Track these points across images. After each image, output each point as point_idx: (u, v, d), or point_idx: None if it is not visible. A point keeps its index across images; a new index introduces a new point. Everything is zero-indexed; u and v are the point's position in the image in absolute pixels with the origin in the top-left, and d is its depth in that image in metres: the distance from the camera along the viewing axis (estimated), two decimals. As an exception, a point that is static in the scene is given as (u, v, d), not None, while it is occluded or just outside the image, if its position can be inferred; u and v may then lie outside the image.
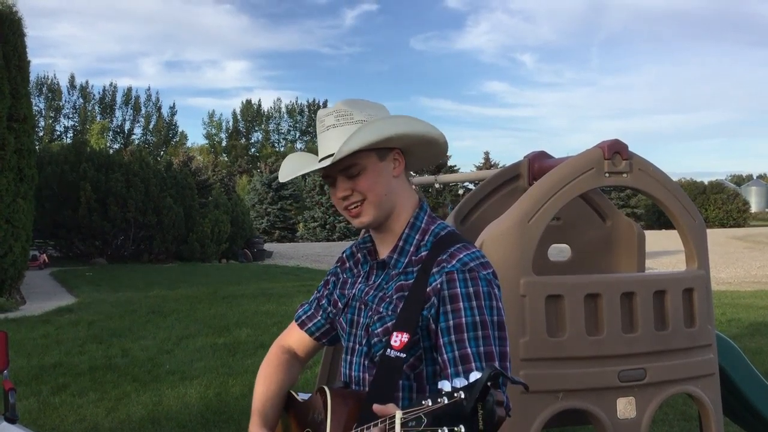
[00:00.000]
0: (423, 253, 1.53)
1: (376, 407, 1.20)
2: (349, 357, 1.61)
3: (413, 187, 1.63)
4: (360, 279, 1.64)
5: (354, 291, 1.63)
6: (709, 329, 2.97)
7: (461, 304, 1.43)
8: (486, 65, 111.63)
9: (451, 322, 1.42)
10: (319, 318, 1.73)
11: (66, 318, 9.69)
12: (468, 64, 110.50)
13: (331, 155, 1.48)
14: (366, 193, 1.52)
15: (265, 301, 11.29)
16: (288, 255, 24.02)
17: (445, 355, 1.42)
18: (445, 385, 1.06)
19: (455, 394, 1.04)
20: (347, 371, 1.61)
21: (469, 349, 1.40)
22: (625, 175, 2.94)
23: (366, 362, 1.55)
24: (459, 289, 1.44)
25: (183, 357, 7.24)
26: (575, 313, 2.75)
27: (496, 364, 1.39)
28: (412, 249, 1.55)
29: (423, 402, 1.06)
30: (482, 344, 1.40)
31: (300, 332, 1.75)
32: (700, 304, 2.93)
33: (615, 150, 2.91)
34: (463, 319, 1.42)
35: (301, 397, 1.65)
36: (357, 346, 1.58)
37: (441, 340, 1.43)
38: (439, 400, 1.04)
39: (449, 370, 1.40)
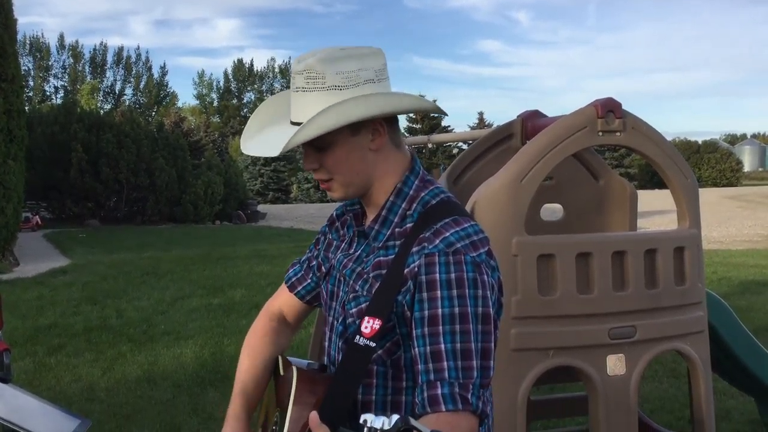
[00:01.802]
0: (408, 225, 1.35)
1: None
2: (328, 333, 1.48)
3: (404, 146, 1.44)
4: (343, 245, 1.49)
5: (335, 259, 1.49)
6: (699, 287, 2.99)
7: (439, 292, 1.26)
8: (480, 23, 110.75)
9: (425, 312, 1.26)
10: (309, 281, 1.59)
11: (60, 279, 9.71)
12: (462, 22, 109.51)
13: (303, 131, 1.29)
14: (333, 173, 1.36)
15: (260, 262, 11.33)
16: (282, 216, 24.03)
17: (417, 349, 1.27)
18: (369, 419, 0.99)
19: None
20: (327, 348, 1.49)
21: (443, 345, 1.24)
22: (618, 133, 2.92)
23: (341, 343, 1.41)
24: (438, 275, 1.26)
25: (178, 318, 7.29)
26: (567, 272, 2.76)
27: (475, 362, 1.25)
28: (396, 219, 1.37)
29: None
30: (459, 340, 1.24)
31: (290, 295, 1.61)
32: (691, 263, 2.94)
33: (608, 108, 2.89)
34: (440, 310, 1.25)
35: (292, 362, 1.58)
36: (334, 322, 1.45)
37: (415, 330, 1.28)
38: None
39: (420, 366, 1.26)
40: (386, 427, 0.97)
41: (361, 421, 0.98)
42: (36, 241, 14.90)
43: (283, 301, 1.64)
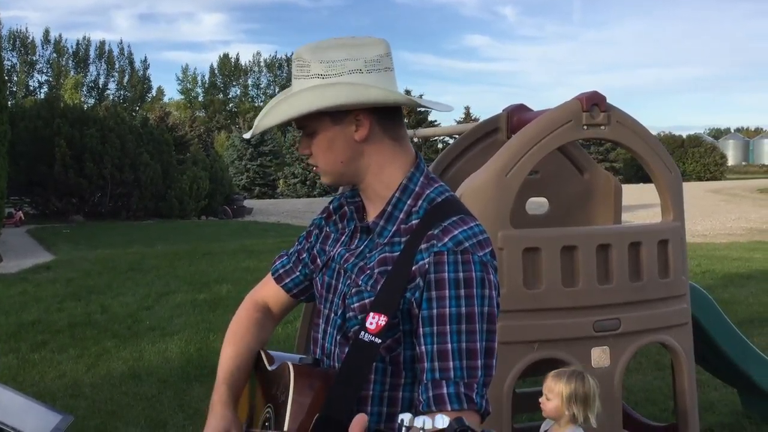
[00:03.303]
0: (414, 222, 1.35)
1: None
2: (323, 325, 1.47)
3: (407, 141, 1.42)
4: (343, 238, 1.47)
5: (335, 252, 1.47)
6: (683, 280, 3.02)
7: (447, 291, 1.27)
8: (467, 18, 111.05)
9: (434, 311, 1.27)
10: (298, 274, 1.57)
11: (44, 275, 9.62)
12: (449, 18, 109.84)
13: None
14: (317, 160, 1.40)
15: (246, 257, 11.28)
16: (268, 211, 23.96)
17: (423, 347, 1.28)
18: (406, 419, 0.93)
19: None
20: (321, 341, 1.47)
21: (449, 345, 1.26)
22: (603, 127, 2.93)
23: (339, 337, 1.40)
24: (447, 274, 1.27)
25: (163, 313, 7.24)
26: (552, 265, 2.77)
27: (479, 362, 1.26)
28: (401, 216, 1.36)
29: None
30: (465, 339, 1.26)
31: (276, 287, 1.59)
32: (674, 256, 2.96)
33: (593, 102, 2.90)
34: (447, 310, 1.26)
35: (276, 356, 1.52)
36: (332, 314, 1.44)
37: (422, 329, 1.28)
38: None
39: (425, 365, 1.27)
40: (440, 426, 0.94)
41: (398, 420, 0.96)
42: (19, 237, 14.76)
43: (268, 292, 1.62)
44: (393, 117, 1.39)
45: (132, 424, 4.22)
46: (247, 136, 1.48)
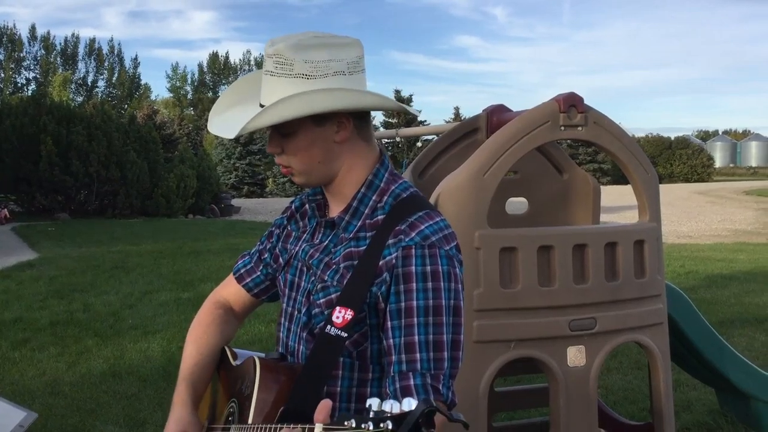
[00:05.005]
0: (379, 217, 1.36)
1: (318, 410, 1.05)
2: (286, 323, 1.47)
3: (374, 140, 1.44)
4: (304, 236, 1.48)
5: (297, 249, 1.47)
6: (659, 280, 3.03)
7: (414, 284, 1.28)
8: (458, 19, 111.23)
9: (402, 304, 1.29)
10: (259, 273, 1.59)
11: (27, 273, 9.55)
12: (440, 18, 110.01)
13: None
14: (293, 160, 1.37)
15: (231, 256, 11.22)
16: (256, 210, 23.89)
17: (391, 340, 1.29)
18: (374, 404, 0.95)
19: (381, 425, 0.94)
20: (284, 338, 1.48)
21: (416, 337, 1.27)
22: (580, 128, 2.94)
23: (304, 334, 1.41)
24: (414, 267, 1.29)
25: (146, 312, 7.22)
26: (528, 265, 2.78)
27: (446, 353, 1.28)
28: (367, 211, 1.38)
29: (346, 422, 0.97)
30: (432, 331, 1.27)
31: (237, 287, 1.61)
32: (650, 256, 2.98)
33: (570, 103, 2.91)
34: (415, 302, 1.28)
35: (240, 353, 1.53)
36: (296, 312, 1.44)
37: (389, 322, 1.30)
38: (363, 425, 0.95)
39: (393, 357, 1.29)
40: (407, 409, 0.95)
41: (366, 405, 0.97)
42: (4, 234, 14.66)
43: (230, 292, 1.64)
44: (367, 119, 1.41)
45: (111, 423, 4.20)
46: (231, 136, 1.40)
